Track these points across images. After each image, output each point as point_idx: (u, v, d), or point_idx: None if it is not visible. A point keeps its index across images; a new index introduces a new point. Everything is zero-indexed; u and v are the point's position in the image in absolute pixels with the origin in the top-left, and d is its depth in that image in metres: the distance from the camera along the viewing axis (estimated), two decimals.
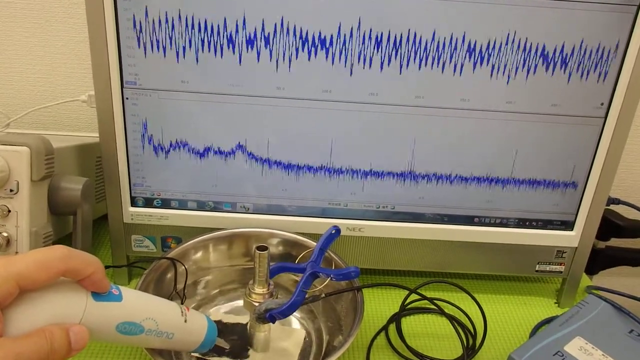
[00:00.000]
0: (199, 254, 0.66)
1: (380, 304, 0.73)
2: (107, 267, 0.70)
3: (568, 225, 0.71)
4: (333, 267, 0.62)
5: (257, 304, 0.57)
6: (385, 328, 0.69)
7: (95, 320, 0.42)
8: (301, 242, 0.67)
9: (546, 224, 0.71)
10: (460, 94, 0.63)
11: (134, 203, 0.70)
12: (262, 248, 0.56)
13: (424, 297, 0.63)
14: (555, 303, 0.77)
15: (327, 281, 0.56)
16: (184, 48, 0.61)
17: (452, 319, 0.69)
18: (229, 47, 0.61)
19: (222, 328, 0.63)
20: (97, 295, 0.42)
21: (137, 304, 0.46)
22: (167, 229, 0.71)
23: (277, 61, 0.62)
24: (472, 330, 0.69)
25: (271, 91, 0.63)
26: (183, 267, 0.64)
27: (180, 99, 0.64)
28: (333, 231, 0.61)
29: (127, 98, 0.63)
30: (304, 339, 0.63)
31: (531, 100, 0.64)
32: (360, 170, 0.67)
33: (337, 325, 0.62)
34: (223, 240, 0.67)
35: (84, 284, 0.41)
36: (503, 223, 0.71)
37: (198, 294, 0.67)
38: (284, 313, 0.55)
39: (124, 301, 0.44)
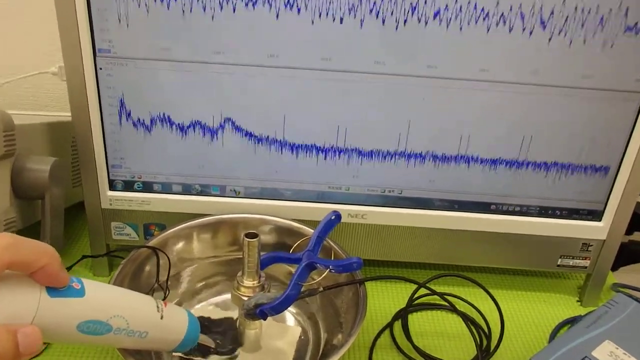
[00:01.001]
0: (181, 244, 0.62)
1: (384, 299, 0.69)
2: (84, 257, 0.65)
3: (596, 215, 0.66)
4: (332, 258, 0.57)
5: (246, 299, 0.52)
6: (389, 326, 0.64)
7: (51, 320, 0.37)
8: (296, 229, 0.62)
9: (571, 214, 0.66)
10: (478, 63, 0.58)
11: (112, 187, 0.66)
12: (252, 235, 0.51)
13: (433, 292, 0.58)
14: (578, 301, 0.72)
15: (325, 273, 0.51)
16: (167, 6, 0.56)
17: (464, 317, 0.64)
18: (214, 8, 0.56)
19: (208, 324, 0.58)
20: (53, 290, 0.38)
21: (103, 299, 0.42)
22: (149, 215, 0.67)
23: (269, 24, 0.56)
24: (486, 330, 0.64)
25: (262, 59, 0.58)
26: (166, 257, 0.59)
27: (161, 68, 0.59)
28: (333, 217, 0.56)
29: (100, 68, 0.59)
30: (300, 337, 0.59)
31: (559, 71, 0.58)
32: (363, 149, 0.63)
33: (337, 323, 0.57)
34: (208, 228, 0.63)
35: (37, 278, 0.36)
36: (523, 211, 0.66)
37: (181, 287, 0.63)
38: (277, 309, 0.50)
39: (87, 297, 0.40)
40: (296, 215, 0.65)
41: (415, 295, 0.67)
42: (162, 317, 0.46)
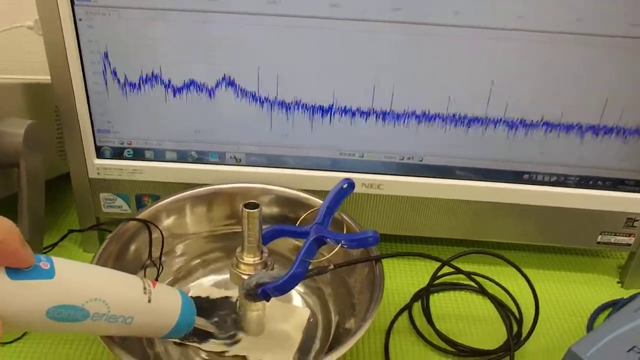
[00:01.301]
0: (174, 217, 0.56)
1: (402, 278, 0.63)
2: (70, 231, 0.60)
3: None
4: (345, 232, 0.51)
5: (246, 277, 0.47)
6: (408, 308, 0.58)
7: (14, 306, 0.33)
8: (303, 200, 0.56)
9: (615, 184, 0.59)
10: (514, 10, 0.51)
11: (100, 154, 0.60)
12: (252, 205, 0.45)
13: (459, 271, 0.52)
14: (619, 283, 0.66)
15: (337, 249, 0.45)
16: None
17: (493, 299, 0.58)
18: None
19: (206, 305, 0.53)
20: (15, 271, 0.33)
21: (77, 281, 0.36)
22: (142, 186, 0.61)
23: None
24: (516, 314, 0.58)
25: (261, 6, 0.51)
26: (158, 231, 0.54)
27: (148, 18, 0.52)
28: (345, 185, 0.50)
29: (80, 19, 0.52)
30: (308, 319, 0.53)
31: (606, 17, 0.51)
32: (379, 110, 0.56)
33: (349, 304, 0.52)
34: (203, 199, 0.57)
35: None
36: (560, 181, 0.60)
37: (174, 265, 0.57)
38: (281, 289, 0.45)
39: (58, 278, 0.35)
40: (304, 185, 0.58)
41: (438, 274, 0.60)
42: (149, 300, 0.40)
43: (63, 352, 0.52)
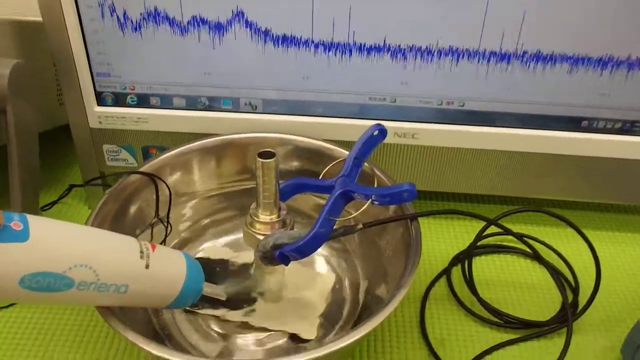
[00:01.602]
0: (179, 172, 0.50)
1: (440, 240, 0.57)
2: (71, 186, 0.54)
3: None
4: (375, 185, 0.44)
5: (261, 238, 0.40)
6: (447, 272, 0.52)
7: None
8: (326, 150, 0.50)
9: None
10: None
11: (100, 101, 0.54)
12: (268, 154, 0.39)
13: (508, 232, 0.45)
14: None
15: (366, 205, 0.39)
16: None
17: (546, 264, 0.51)
18: None
19: (218, 269, 0.48)
20: None
21: (57, 244, 0.31)
22: (148, 136, 0.55)
23: None
24: (571, 282, 0.51)
25: None
26: (164, 186, 0.48)
27: None
28: (375, 132, 0.43)
29: None
30: (333, 286, 0.47)
31: None
32: (416, 46, 0.48)
33: (381, 269, 0.46)
34: (212, 151, 0.51)
35: None
36: (625, 129, 0.52)
37: (181, 225, 0.51)
38: (301, 251, 0.39)
39: (33, 241, 0.30)
40: (327, 135, 0.52)
41: (483, 235, 0.53)
42: (147, 266, 0.35)
43: (55, 320, 0.47)
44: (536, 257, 0.53)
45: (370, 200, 0.39)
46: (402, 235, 0.44)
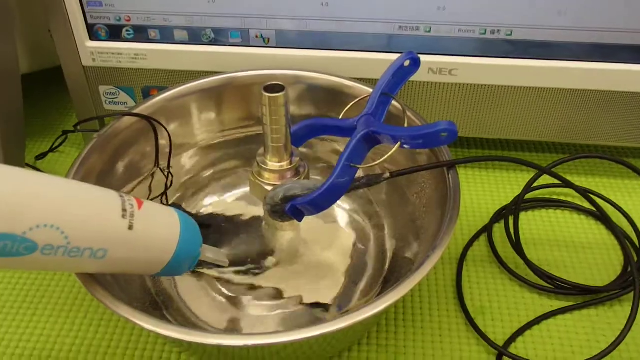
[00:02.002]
0: (175, 117, 0.44)
1: (480, 193, 0.50)
2: (64, 132, 0.49)
3: None
4: (406, 125, 0.37)
5: (270, 188, 0.34)
6: (487, 230, 0.46)
7: None
8: (346, 89, 0.43)
9: None
10: None
11: (93, 35, 0.48)
12: (275, 88, 0.32)
13: (566, 183, 0.38)
14: None
15: (394, 149, 0.32)
16: None
17: (606, 220, 0.44)
18: None
19: (223, 225, 0.41)
20: None
21: (14, 198, 0.25)
22: (148, 76, 0.49)
23: None
24: (636, 241, 0.44)
25: None
26: (163, 130, 0.42)
27: None
28: (407, 62, 0.36)
29: None
30: (354, 245, 0.41)
31: None
32: None
33: (411, 226, 0.39)
34: (213, 93, 0.44)
35: None
36: None
37: (180, 179, 0.45)
38: (317, 204, 0.33)
39: None
40: (350, 72, 0.45)
41: (532, 186, 0.46)
42: (131, 227, 0.28)
43: (46, 281, 0.43)
44: (595, 212, 0.46)
45: (399, 143, 0.33)
46: (437, 187, 0.37)
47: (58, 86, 0.58)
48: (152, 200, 0.42)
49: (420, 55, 0.42)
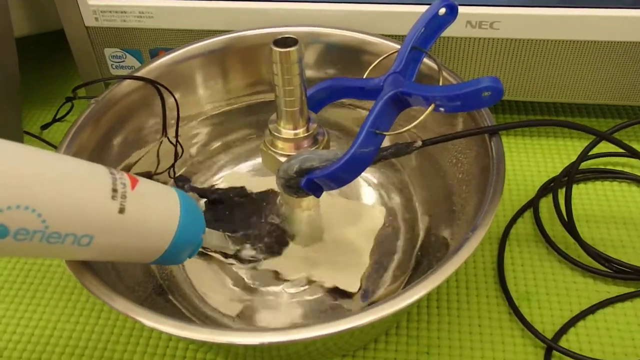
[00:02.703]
0: (181, 86, 0.39)
1: (524, 164, 0.45)
2: (67, 99, 0.45)
3: None
4: (440, 83, 0.32)
5: (284, 159, 0.30)
6: (533, 205, 0.41)
7: None
8: (370, 45, 0.38)
9: None
10: None
11: None
12: (287, 42, 0.28)
13: (630, 152, 0.32)
14: None
15: (427, 112, 0.27)
16: None
17: None
18: None
19: (234, 201, 0.37)
20: None
21: None
22: (156, 36, 0.45)
23: None
24: None
25: None
26: (169, 95, 0.38)
27: None
28: (442, 10, 0.31)
29: None
30: (383, 224, 0.37)
31: None
32: None
33: (446, 201, 0.35)
34: (219, 55, 0.40)
35: None
36: None
37: (188, 150, 0.41)
38: (337, 177, 0.28)
39: None
40: (372, 27, 0.40)
41: (588, 155, 0.41)
42: (122, 210, 0.24)
43: (46, 263, 0.40)
44: None
45: (433, 105, 0.28)
46: (476, 156, 0.32)
47: (65, 52, 0.54)
48: (159, 174, 0.39)
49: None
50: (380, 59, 0.33)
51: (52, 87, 0.56)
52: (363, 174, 0.30)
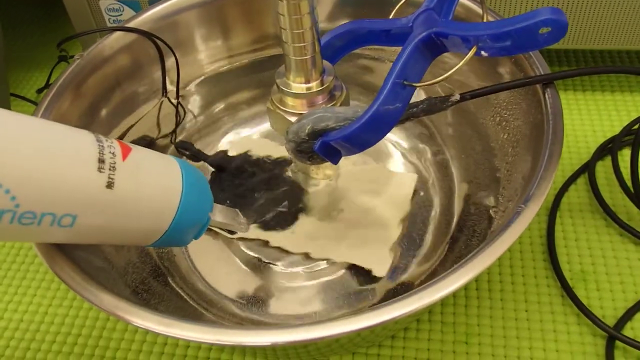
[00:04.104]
0: (177, 42, 0.34)
1: (577, 122, 0.39)
2: (60, 59, 0.42)
3: None
4: (484, 19, 0.26)
5: (294, 119, 0.25)
6: (588, 170, 0.35)
7: None
8: None
9: None
10: None
11: None
12: None
13: None
14: None
15: (470, 55, 0.22)
16: None
17: None
18: None
19: (241, 170, 0.33)
20: None
21: None
22: None
23: None
24: None
25: None
26: (166, 49, 0.33)
27: None
28: None
29: None
30: (414, 194, 0.32)
31: None
32: None
33: (488, 166, 0.30)
34: (215, 5, 0.34)
35: None
36: None
37: (189, 113, 0.37)
38: (357, 139, 0.25)
39: None
40: None
41: None
42: (110, 184, 0.20)
43: None
44: None
45: (475, 47, 0.22)
46: (526, 112, 0.27)
47: (61, 9, 0.50)
48: (158, 139, 0.34)
49: None
50: (402, 1, 0.28)
51: (50, 50, 0.52)
52: (389, 135, 0.25)
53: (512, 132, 0.28)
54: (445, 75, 0.23)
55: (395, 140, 0.35)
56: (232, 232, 0.31)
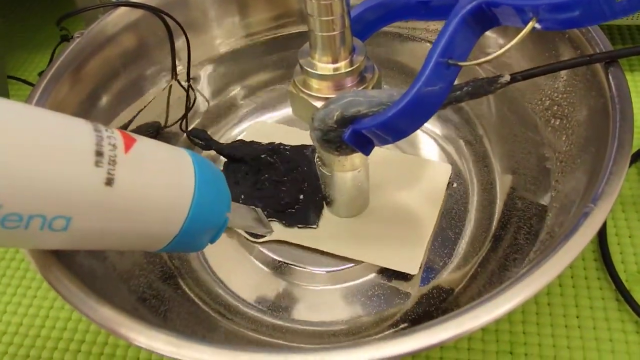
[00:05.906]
0: (188, 18, 0.31)
1: (636, 103, 0.35)
2: (62, 39, 0.39)
3: None
4: None
5: (320, 104, 0.22)
6: (639, 158, 0.32)
7: None
8: None
9: None
10: None
11: None
12: None
13: None
14: None
15: (527, 29, 0.19)
16: None
17: None
18: None
19: (260, 161, 0.30)
20: None
21: None
22: None
23: None
24: None
25: None
26: (175, 25, 0.31)
27: None
28: None
29: None
30: (447, 186, 0.29)
31: None
32: None
33: (536, 156, 0.26)
34: None
35: None
36: None
37: (203, 99, 0.34)
38: (393, 127, 0.22)
39: None
40: None
41: None
42: (110, 181, 0.17)
43: None
44: None
45: (534, 20, 0.19)
46: (584, 96, 0.24)
47: None
48: (168, 127, 0.32)
49: None
50: None
51: (52, 30, 0.49)
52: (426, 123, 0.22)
53: (565, 117, 0.25)
54: (499, 52, 0.20)
55: (428, 128, 0.32)
56: (253, 235, 0.29)
